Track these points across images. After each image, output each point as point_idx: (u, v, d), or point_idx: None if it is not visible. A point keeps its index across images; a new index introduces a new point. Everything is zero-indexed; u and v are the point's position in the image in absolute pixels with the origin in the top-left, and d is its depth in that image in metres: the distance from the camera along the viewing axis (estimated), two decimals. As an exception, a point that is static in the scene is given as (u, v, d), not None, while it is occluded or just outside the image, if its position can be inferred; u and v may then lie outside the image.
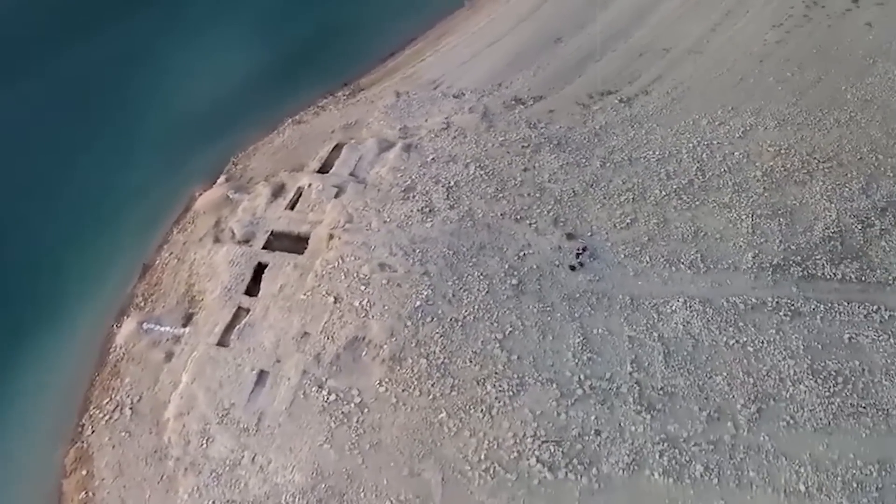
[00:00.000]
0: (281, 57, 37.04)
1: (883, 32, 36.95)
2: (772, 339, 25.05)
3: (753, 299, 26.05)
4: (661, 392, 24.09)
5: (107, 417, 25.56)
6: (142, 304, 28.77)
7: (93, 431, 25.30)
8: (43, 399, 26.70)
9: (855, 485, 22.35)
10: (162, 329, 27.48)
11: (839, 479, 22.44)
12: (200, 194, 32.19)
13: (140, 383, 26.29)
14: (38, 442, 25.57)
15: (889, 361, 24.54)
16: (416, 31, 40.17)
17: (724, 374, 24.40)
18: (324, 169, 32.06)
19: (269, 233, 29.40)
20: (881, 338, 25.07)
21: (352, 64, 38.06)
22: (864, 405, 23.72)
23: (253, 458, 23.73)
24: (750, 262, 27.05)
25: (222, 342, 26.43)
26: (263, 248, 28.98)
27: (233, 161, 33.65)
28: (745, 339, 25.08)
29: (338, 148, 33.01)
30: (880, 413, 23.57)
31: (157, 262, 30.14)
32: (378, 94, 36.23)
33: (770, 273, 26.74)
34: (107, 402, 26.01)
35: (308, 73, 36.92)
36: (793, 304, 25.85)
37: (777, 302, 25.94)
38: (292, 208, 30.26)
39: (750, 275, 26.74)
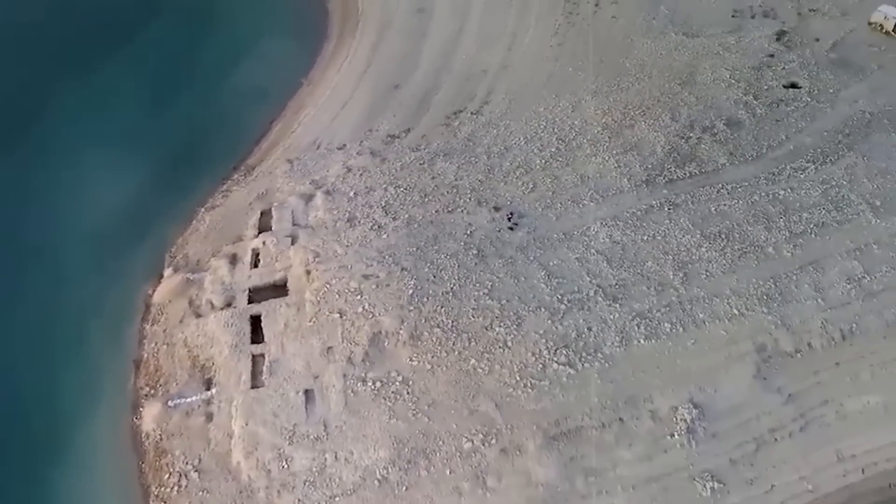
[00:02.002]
0: (168, 162, 39.66)
1: (626, 20, 48.59)
2: (669, 227, 33.34)
3: (643, 206, 34.32)
4: (617, 287, 31.08)
5: (176, 488, 26.90)
6: (151, 392, 30.15)
7: (169, 506, 26.48)
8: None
9: (766, 297, 30.89)
10: (189, 399, 29.19)
11: (755, 297, 30.85)
12: (154, 290, 33.99)
13: (192, 449, 27.88)
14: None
15: (745, 215, 33.86)
16: (272, 113, 44.89)
17: (651, 259, 32.09)
18: (262, 232, 35.47)
19: (247, 291, 32.25)
20: (733, 203, 34.46)
21: (232, 151, 41.86)
22: (745, 247, 32.60)
23: (336, 456, 26.70)
24: (628, 185, 35.41)
25: (255, 385, 28.93)
26: (248, 304, 31.79)
27: (168, 255, 35.77)
28: (652, 233, 33.09)
29: (264, 214, 36.55)
30: (757, 248, 32.58)
31: (145, 355, 31.58)
32: (272, 166, 40.36)
33: (644, 187, 35.28)
34: (168, 478, 27.28)
35: (198, 169, 40.09)
36: (670, 201, 34.51)
37: (659, 203, 34.44)
38: (256, 266, 33.37)
39: (633, 192, 35.05)
